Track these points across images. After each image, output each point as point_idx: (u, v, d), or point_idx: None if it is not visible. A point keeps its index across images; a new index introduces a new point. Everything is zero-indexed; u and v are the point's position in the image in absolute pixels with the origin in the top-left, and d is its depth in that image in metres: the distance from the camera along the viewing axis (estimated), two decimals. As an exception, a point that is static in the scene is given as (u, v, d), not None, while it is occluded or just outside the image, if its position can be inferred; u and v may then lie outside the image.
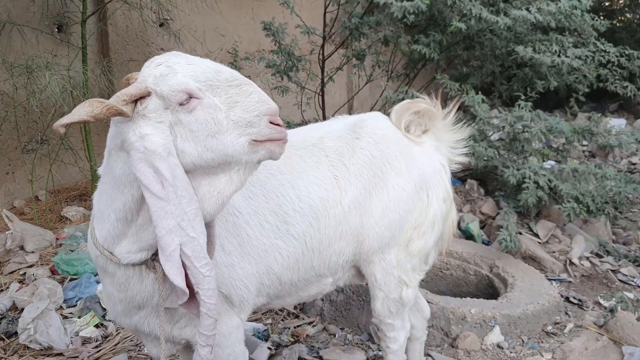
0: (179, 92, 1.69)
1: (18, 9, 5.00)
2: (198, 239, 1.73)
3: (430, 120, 2.71)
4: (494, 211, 5.04)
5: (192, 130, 1.72)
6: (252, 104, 1.72)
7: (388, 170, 2.52)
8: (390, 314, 2.66)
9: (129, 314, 2.10)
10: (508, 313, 3.50)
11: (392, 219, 2.51)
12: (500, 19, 4.80)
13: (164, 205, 1.69)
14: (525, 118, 4.63)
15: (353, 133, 2.55)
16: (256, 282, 2.27)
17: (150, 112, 1.71)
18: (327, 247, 2.42)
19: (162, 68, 1.73)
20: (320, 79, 5.72)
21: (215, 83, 1.72)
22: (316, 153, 2.46)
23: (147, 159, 1.68)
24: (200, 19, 6.51)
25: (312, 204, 2.37)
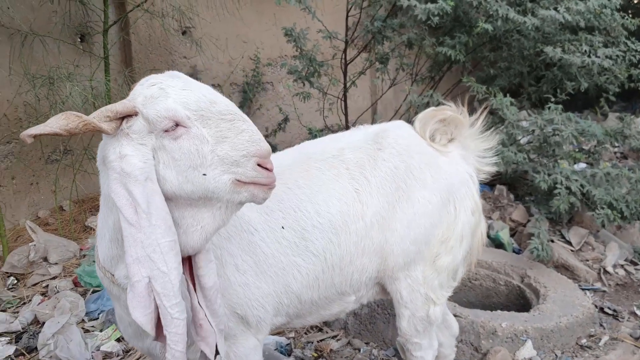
0: (164, 118, 1.60)
1: (40, 20, 5.00)
2: (169, 275, 1.62)
3: (456, 129, 2.58)
4: (524, 218, 4.88)
5: (174, 158, 1.63)
6: (241, 142, 1.62)
7: (412, 182, 2.40)
8: (417, 332, 2.54)
9: (139, 337, 2.03)
10: (540, 326, 3.36)
11: (417, 234, 2.39)
12: (527, 19, 4.65)
13: (134, 232, 1.60)
14: (556, 121, 4.46)
15: (375, 144, 2.44)
16: (273, 302, 2.18)
17: (134, 133, 1.62)
18: (348, 264, 2.32)
19: (154, 89, 1.64)
20: (343, 84, 5.62)
21: (207, 114, 1.63)
22: (336, 165, 2.36)
23: (122, 180, 1.60)
24: (222, 26, 6.47)
25: (331, 219, 2.27)
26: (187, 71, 6.37)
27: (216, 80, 6.63)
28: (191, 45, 6.10)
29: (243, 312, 2.11)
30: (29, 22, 4.88)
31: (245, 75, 6.85)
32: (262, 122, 7.05)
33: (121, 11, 5.51)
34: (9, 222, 4.99)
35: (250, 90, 6.79)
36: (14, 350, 3.41)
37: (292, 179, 2.29)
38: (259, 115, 7.06)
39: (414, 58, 5.87)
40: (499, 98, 4.61)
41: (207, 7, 5.93)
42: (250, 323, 2.14)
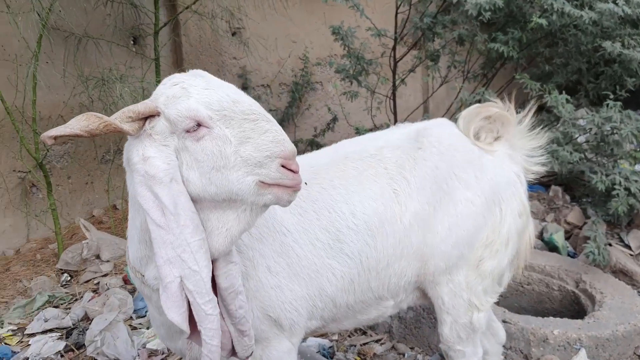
0: (186, 118, 1.58)
1: (94, 23, 5.13)
2: (201, 273, 1.61)
3: (503, 126, 2.46)
4: (580, 220, 4.67)
5: (197, 159, 1.61)
6: (265, 143, 1.59)
7: (454, 183, 2.31)
8: (459, 339, 2.44)
9: (172, 337, 2.03)
10: (595, 334, 3.19)
11: (459, 237, 2.30)
12: (584, 13, 4.44)
13: (163, 234, 1.59)
14: (614, 119, 4.24)
15: (415, 142, 2.36)
16: (307, 305, 2.13)
17: (156, 134, 1.61)
18: (385, 268, 2.24)
19: (176, 89, 1.62)
20: (392, 82, 5.53)
21: (230, 114, 1.60)
22: (374, 165, 2.29)
23: (147, 183, 1.58)
24: (271, 27, 6.49)
25: (367, 220, 2.20)
26: (237, 72, 6.43)
27: (265, 81, 6.66)
28: (241, 46, 6.15)
29: (276, 315, 2.07)
30: (82, 25, 5.01)
31: (294, 75, 6.85)
32: (311, 122, 7.04)
33: (172, 13, 5.60)
34: (64, 220, 5.15)
35: (299, 90, 6.78)
36: (64, 345, 3.50)
37: (327, 179, 2.23)
38: (307, 115, 7.05)
39: (465, 55, 5.72)
40: (554, 95, 4.42)
41: (256, 8, 5.96)
42: (284, 326, 2.10)
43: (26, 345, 3.55)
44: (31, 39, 4.28)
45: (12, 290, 4.28)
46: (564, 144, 4.45)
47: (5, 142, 4.74)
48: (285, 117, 6.68)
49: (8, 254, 4.83)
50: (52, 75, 4.74)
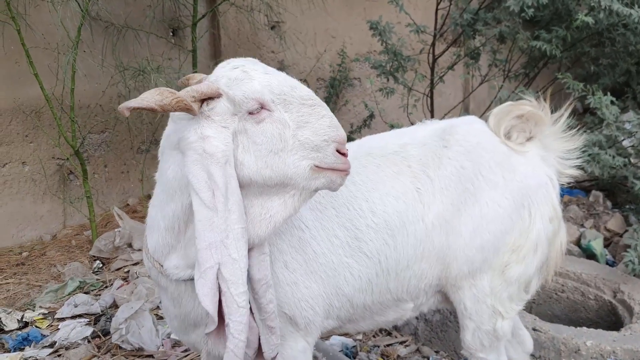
0: (252, 99, 1.60)
1: (134, 14, 5.19)
2: (240, 262, 1.59)
3: (536, 126, 2.34)
4: (621, 228, 4.48)
5: (255, 142, 1.62)
6: (322, 127, 1.65)
7: (481, 184, 2.21)
8: (482, 347, 2.35)
9: (185, 330, 2.00)
10: (631, 348, 3.04)
11: (485, 240, 2.20)
12: (634, 12, 4.25)
13: (211, 216, 1.57)
14: (662, 123, 4.06)
15: (441, 140, 2.27)
16: (323, 303, 2.08)
17: (216, 115, 1.61)
18: (405, 269, 2.17)
19: (238, 72, 1.64)
20: (430, 79, 5.42)
21: (289, 98, 1.64)
22: (397, 162, 2.21)
23: (203, 162, 1.57)
24: (310, 21, 6.45)
25: (387, 219, 2.13)
26: (275, 65, 6.40)
27: (303, 75, 6.62)
28: (279, 40, 6.14)
29: (291, 312, 2.03)
30: (122, 16, 5.07)
31: (332, 70, 6.80)
32: (348, 118, 6.98)
33: (211, 5, 5.62)
34: (100, 207, 5.23)
35: (336, 85, 6.72)
36: (91, 331, 3.54)
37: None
38: (344, 112, 6.99)
39: (507, 53, 5.56)
40: (597, 96, 4.25)
41: (294, 1, 5.93)
42: (299, 324, 2.06)
43: (55, 329, 3.61)
44: (71, 29, 4.34)
45: (46, 274, 4.37)
46: (606, 148, 4.27)
47: (45, 130, 4.84)
48: (322, 113, 6.62)
49: (45, 239, 4.93)
50: (90, 64, 4.81)
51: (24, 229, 4.90)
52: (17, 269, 4.41)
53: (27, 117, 4.78)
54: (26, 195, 4.88)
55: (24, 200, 4.87)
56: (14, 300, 3.98)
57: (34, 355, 3.30)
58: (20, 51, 4.35)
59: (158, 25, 5.35)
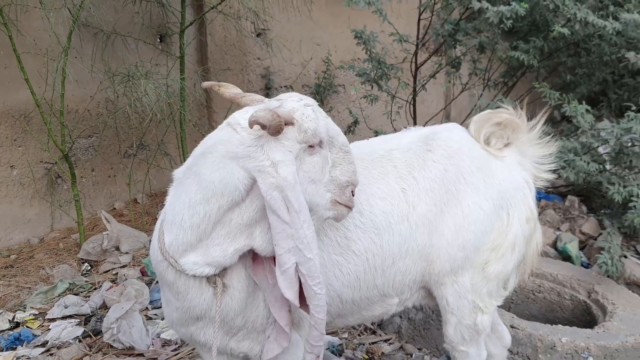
0: (317, 136, 1.88)
1: (122, 21, 5.27)
2: (314, 260, 1.86)
3: (513, 133, 2.50)
4: (596, 231, 4.65)
5: (304, 170, 1.89)
6: (349, 171, 2.00)
7: (463, 187, 2.35)
8: (463, 340, 2.49)
9: (185, 323, 2.10)
10: (604, 344, 3.19)
11: (466, 240, 2.34)
12: (608, 24, 4.43)
13: (287, 229, 1.82)
14: (635, 130, 4.22)
15: (425, 145, 2.41)
16: None
17: (286, 140, 1.84)
18: (390, 265, 2.30)
19: (309, 110, 1.90)
20: (412, 87, 5.57)
21: (334, 142, 1.97)
22: (383, 164, 2.36)
23: (279, 186, 1.80)
24: (296, 29, 6.57)
25: (374, 219, 2.27)
26: (260, 72, 6.52)
27: (288, 82, 6.74)
28: (265, 47, 6.25)
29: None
30: (111, 22, 5.15)
31: (317, 77, 6.92)
32: (332, 124, 7.09)
33: (198, 12, 5.71)
34: (87, 211, 5.28)
35: (321, 92, 6.85)
36: (82, 331, 3.61)
37: None
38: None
39: (486, 63, 5.73)
40: (573, 105, 4.42)
41: (281, 10, 6.04)
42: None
43: (46, 330, 3.67)
44: (61, 35, 4.41)
45: (35, 276, 4.41)
46: (581, 154, 4.44)
47: (34, 134, 4.89)
48: (306, 119, 6.73)
49: (33, 242, 4.97)
50: (80, 70, 4.88)
51: (12, 232, 4.94)
52: (5, 271, 4.46)
53: (16, 122, 4.83)
54: (14, 198, 4.92)
55: (12, 204, 4.91)
56: (4, 301, 4.03)
57: (26, 354, 3.36)
58: (9, 56, 4.41)
59: (146, 31, 5.43)
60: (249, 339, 2.17)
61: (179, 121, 5.28)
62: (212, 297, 1.99)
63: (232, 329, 2.12)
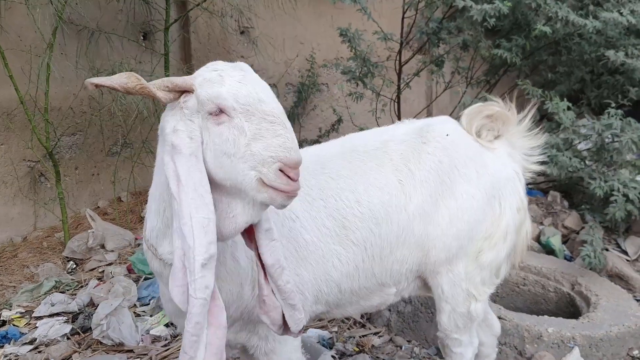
0: (211, 102, 1.68)
1: (106, 18, 5.24)
2: (194, 250, 1.65)
3: (503, 125, 2.56)
4: (578, 225, 4.75)
5: (214, 141, 1.70)
6: (273, 145, 1.67)
7: (456, 177, 2.40)
8: (457, 328, 2.54)
9: (180, 313, 2.10)
10: (589, 334, 3.26)
11: (460, 229, 2.39)
12: (589, 22, 4.52)
13: (174, 204, 1.68)
14: (615, 126, 4.32)
15: (420, 137, 2.44)
16: (313, 289, 2.22)
17: (187, 108, 1.72)
18: (388, 255, 2.33)
19: (214, 74, 1.72)
20: (397, 85, 5.62)
21: (253, 110, 1.68)
22: (379, 156, 2.38)
23: (171, 153, 1.69)
24: (280, 27, 6.59)
25: (372, 208, 2.29)
26: (245, 70, 6.51)
27: (272, 80, 6.75)
28: (249, 45, 6.25)
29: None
30: (96, 19, 5.11)
31: (301, 75, 6.95)
32: (316, 122, 7.13)
33: (182, 10, 5.70)
34: (71, 210, 5.23)
35: (305, 90, 6.87)
36: (70, 329, 3.58)
37: (334, 169, 2.32)
38: (313, 116, 7.14)
39: (469, 61, 5.81)
40: (555, 102, 4.51)
41: (265, 7, 6.06)
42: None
43: (34, 328, 3.63)
44: (46, 32, 4.37)
45: (19, 275, 4.37)
46: (563, 150, 4.53)
47: (17, 132, 4.83)
48: (290, 117, 6.76)
49: (16, 241, 4.92)
50: (64, 67, 4.84)
51: (-5, 231, 4.88)
52: (-11, 270, 4.40)
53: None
54: (-3, 197, 4.87)
55: (-6, 202, 4.86)
56: (-12, 300, 3.99)
57: (14, 352, 3.32)
58: (-10, 53, 4.36)
59: (130, 29, 5.41)
60: (246, 330, 2.18)
61: (163, 119, 5.26)
62: None
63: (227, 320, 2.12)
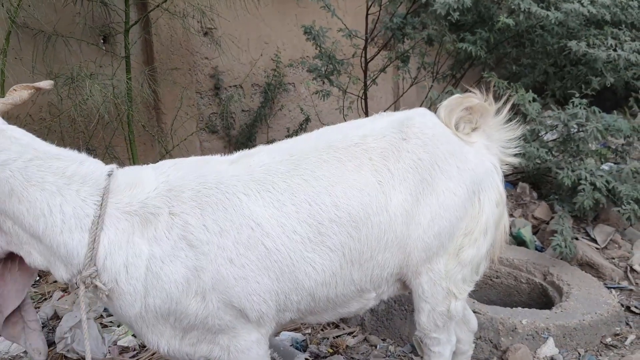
0: None
1: (63, 21, 5.08)
2: None
3: (481, 117, 2.49)
4: (547, 215, 4.77)
5: None
6: None
7: (437, 174, 2.31)
8: (436, 327, 2.47)
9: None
10: (563, 324, 3.27)
11: (441, 227, 2.31)
12: (550, 13, 4.55)
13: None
14: (580, 116, 4.35)
15: (400, 133, 2.34)
16: (277, 298, 2.13)
17: None
18: (368, 259, 2.24)
19: None
20: (363, 82, 5.58)
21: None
22: (358, 155, 2.27)
23: None
24: (243, 27, 6.50)
25: (351, 211, 2.18)
26: (209, 72, 6.42)
27: (237, 81, 6.66)
28: (213, 46, 6.15)
29: (241, 306, 2.07)
30: (52, 22, 4.96)
31: (266, 76, 6.87)
32: (284, 122, 7.06)
33: (143, 11, 5.57)
34: (32, 220, 5.06)
35: (271, 90, 6.80)
36: (33, 343, 3.44)
37: (308, 169, 2.20)
38: (280, 116, 7.06)
39: (434, 56, 5.81)
40: (520, 93, 4.52)
41: (228, 8, 5.96)
42: (250, 317, 2.10)
43: (-6, 344, 3.48)
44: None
45: (-22, 290, 4.19)
46: (530, 141, 4.54)
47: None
48: (257, 118, 6.68)
49: (-26, 255, 4.73)
50: (21, 72, 4.67)
51: (-48, 245, 4.68)
52: (-53, 286, 4.21)
53: (-48, 128, 4.58)
54: (-47, 209, 4.67)
55: (-49, 215, 4.66)
56: (-54, 317, 3.81)
57: (-27, 370, 3.18)
58: (-58, 59, 4.18)
59: (89, 32, 5.26)
60: (205, 341, 2.11)
61: (126, 123, 5.13)
62: (108, 301, 2.12)
63: (177, 330, 2.06)
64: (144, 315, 2.04)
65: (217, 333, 2.11)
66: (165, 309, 2.03)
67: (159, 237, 2.01)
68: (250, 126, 6.62)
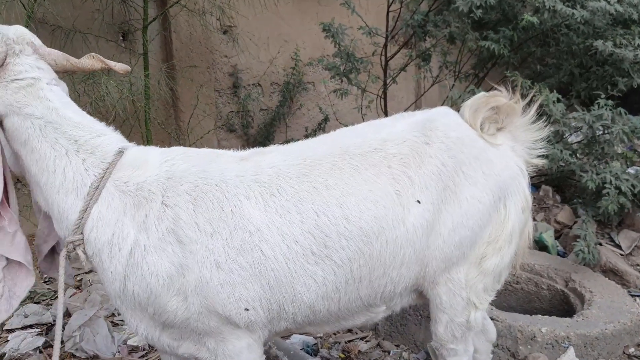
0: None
1: (82, 17, 5.08)
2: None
3: (508, 117, 2.34)
4: (570, 220, 4.63)
5: None
6: None
7: (461, 180, 2.17)
8: (454, 338, 2.34)
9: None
10: (584, 333, 3.14)
11: (463, 236, 2.18)
12: (576, 12, 4.41)
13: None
14: (605, 117, 4.20)
15: (422, 136, 2.20)
16: (270, 306, 2.03)
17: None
18: (380, 276, 2.11)
19: None
20: (383, 81, 5.49)
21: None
22: (376, 163, 2.11)
23: None
24: (263, 25, 6.45)
25: (363, 225, 2.04)
26: (228, 70, 6.38)
27: (256, 79, 6.61)
28: (232, 44, 6.11)
29: (226, 312, 1.97)
30: (70, 19, 4.95)
31: (285, 74, 6.81)
32: (302, 122, 6.99)
33: (162, 8, 5.55)
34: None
35: (290, 89, 6.74)
36: (43, 342, 3.42)
37: (320, 177, 2.07)
38: (299, 115, 7.00)
39: (457, 55, 5.69)
40: (545, 94, 4.39)
41: (248, 5, 5.91)
42: (238, 324, 2.00)
43: (5, 341, 3.47)
44: (16, 32, 4.20)
45: (-7, 286, 4.20)
46: (554, 143, 4.41)
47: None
48: (276, 117, 6.64)
49: (-9, 250, 4.74)
50: (37, 68, 4.67)
51: (-31, 240, 4.70)
52: (-38, 281, 4.23)
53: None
54: (-29, 204, 4.69)
55: (-32, 210, 4.68)
56: (-41, 312, 3.81)
57: (-18, 367, 3.17)
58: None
59: (107, 28, 5.25)
60: (190, 339, 2.03)
61: (143, 120, 5.11)
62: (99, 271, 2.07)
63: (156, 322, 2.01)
64: (123, 297, 1.99)
65: (203, 335, 2.04)
66: (145, 298, 1.96)
67: (148, 225, 1.95)
68: (268, 125, 6.57)
